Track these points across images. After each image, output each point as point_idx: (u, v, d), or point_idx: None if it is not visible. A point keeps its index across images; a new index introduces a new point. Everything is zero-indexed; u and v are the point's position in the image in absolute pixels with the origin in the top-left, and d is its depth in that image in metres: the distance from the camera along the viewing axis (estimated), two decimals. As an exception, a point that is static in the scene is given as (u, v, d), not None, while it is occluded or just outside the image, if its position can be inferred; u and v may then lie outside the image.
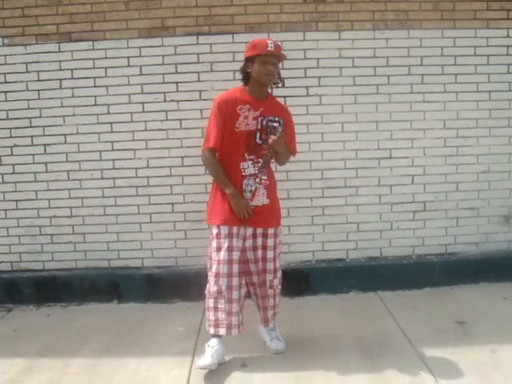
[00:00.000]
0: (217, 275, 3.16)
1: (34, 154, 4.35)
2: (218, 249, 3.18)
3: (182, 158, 4.29)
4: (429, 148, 4.39)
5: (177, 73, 4.26)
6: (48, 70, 4.27)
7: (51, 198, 4.39)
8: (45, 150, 4.34)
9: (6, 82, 4.30)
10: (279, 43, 3.31)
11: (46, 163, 4.36)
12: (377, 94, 4.32)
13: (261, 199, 3.27)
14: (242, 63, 3.30)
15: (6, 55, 4.26)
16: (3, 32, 4.25)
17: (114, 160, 4.34)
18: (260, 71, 3.16)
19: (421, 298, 4.24)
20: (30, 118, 4.32)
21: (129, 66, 4.26)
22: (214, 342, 3.24)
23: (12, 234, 4.45)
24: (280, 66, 3.28)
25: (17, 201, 4.41)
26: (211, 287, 3.19)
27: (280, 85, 3.41)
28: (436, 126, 4.37)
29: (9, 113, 4.32)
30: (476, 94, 4.38)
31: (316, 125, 4.27)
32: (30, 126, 4.32)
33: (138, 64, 4.25)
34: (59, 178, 4.36)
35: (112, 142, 4.32)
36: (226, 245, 3.17)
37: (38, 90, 4.29)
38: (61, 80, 4.28)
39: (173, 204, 4.37)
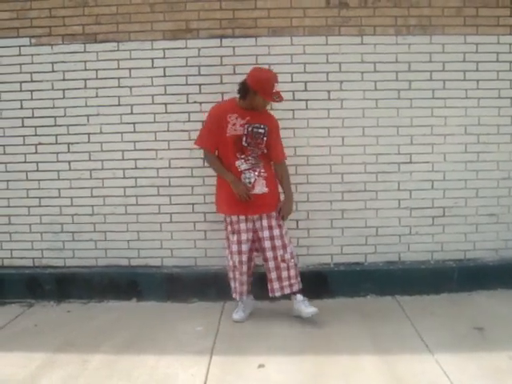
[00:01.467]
0: (231, 253, 3.94)
1: (57, 153, 4.41)
2: (232, 231, 3.92)
3: (204, 159, 4.31)
4: (449, 153, 4.38)
5: (200, 75, 4.30)
6: (73, 70, 4.33)
7: (73, 196, 4.45)
8: (68, 149, 4.40)
9: (32, 81, 4.36)
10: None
11: (69, 162, 4.42)
12: (398, 99, 4.32)
13: (260, 189, 3.84)
14: (244, 79, 3.78)
15: (32, 55, 4.33)
16: (30, 32, 4.31)
17: (136, 160, 4.39)
18: (259, 104, 3.80)
19: (439, 303, 4.23)
20: (54, 117, 4.38)
21: (153, 67, 4.31)
22: (240, 303, 4.06)
23: (34, 230, 4.51)
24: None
25: (40, 198, 4.47)
26: (229, 262, 3.98)
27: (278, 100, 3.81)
28: (457, 132, 4.36)
29: (34, 111, 4.39)
30: (497, 101, 4.36)
31: (337, 128, 4.28)
32: (55, 125, 4.38)
33: (162, 65, 4.30)
34: (82, 176, 4.42)
35: (134, 141, 4.37)
36: (236, 228, 3.89)
37: (63, 90, 4.35)
38: (85, 80, 4.34)
39: (193, 204, 4.41)
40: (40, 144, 4.41)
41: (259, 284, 4.03)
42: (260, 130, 3.81)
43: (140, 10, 4.26)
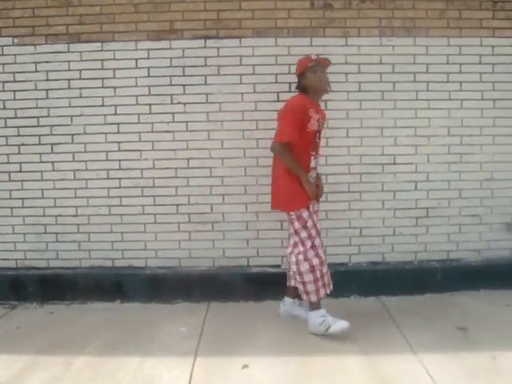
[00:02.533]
0: (314, 248, 3.65)
1: (41, 153, 4.39)
2: (310, 226, 3.66)
3: (188, 159, 4.32)
4: (433, 155, 4.41)
5: (184, 75, 4.30)
6: (57, 70, 4.31)
7: (57, 196, 4.42)
8: (52, 150, 4.38)
9: (15, 81, 4.33)
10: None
11: (52, 162, 4.39)
12: (382, 100, 4.35)
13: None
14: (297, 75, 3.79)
15: (15, 54, 4.30)
16: (13, 32, 4.29)
17: (120, 160, 4.37)
18: (319, 80, 3.70)
19: (422, 303, 4.25)
20: (37, 117, 4.35)
21: (137, 67, 4.29)
22: (323, 311, 3.73)
23: (17, 231, 4.48)
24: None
25: (23, 199, 4.44)
26: (313, 260, 3.64)
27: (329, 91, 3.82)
28: (440, 133, 4.40)
29: (17, 111, 4.36)
30: (480, 102, 4.40)
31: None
32: (38, 125, 4.36)
33: (146, 66, 4.29)
34: (65, 177, 4.39)
35: (119, 142, 4.35)
36: (311, 222, 3.67)
37: (47, 90, 4.33)
38: (69, 80, 4.32)
39: (177, 205, 4.40)
40: (23, 145, 4.38)
41: (246, 284, 4.03)
42: (322, 121, 3.79)
43: (124, 10, 4.25)
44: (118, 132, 4.35)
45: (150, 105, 4.32)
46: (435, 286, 4.41)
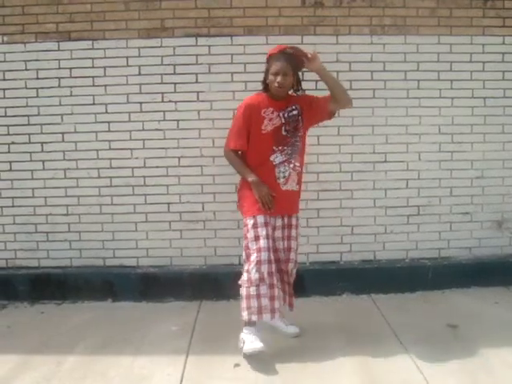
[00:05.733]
0: (258, 263, 3.29)
1: (31, 152, 4.36)
2: (257, 238, 3.35)
3: (179, 158, 4.31)
4: (424, 153, 4.43)
5: (175, 74, 4.28)
6: (47, 69, 4.28)
7: (47, 195, 4.40)
8: (42, 148, 4.35)
9: (4, 80, 4.30)
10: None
11: (43, 161, 4.37)
12: (373, 98, 4.35)
13: (291, 185, 3.53)
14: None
15: (5, 53, 4.27)
16: (3, 30, 4.25)
17: (111, 159, 4.35)
18: (271, 81, 3.44)
19: (413, 301, 4.27)
20: (28, 116, 4.32)
21: (128, 65, 4.27)
22: (253, 329, 3.37)
23: (8, 231, 4.46)
24: None
25: (13, 198, 4.42)
26: (252, 275, 3.30)
27: (300, 91, 3.64)
28: (431, 131, 4.41)
29: (7, 110, 4.33)
30: (471, 100, 4.42)
31: (311, 128, 4.27)
32: (28, 124, 4.33)
33: (137, 64, 4.27)
34: (56, 176, 4.37)
35: (109, 141, 4.34)
36: (264, 233, 3.35)
37: (37, 88, 4.30)
38: (59, 78, 4.29)
39: (169, 204, 4.39)
40: (13, 143, 4.36)
41: (236, 281, 4.00)
42: (294, 112, 3.52)
43: (115, 8, 4.22)
44: (109, 130, 4.33)
45: (140, 103, 4.31)
46: (426, 283, 4.42)
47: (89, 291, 4.40)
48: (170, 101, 4.30)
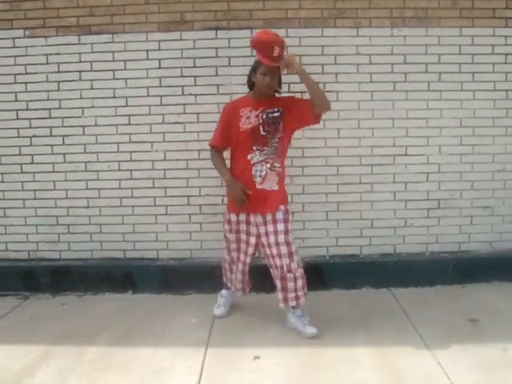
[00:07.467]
0: (228, 249, 3.87)
1: (52, 145, 4.40)
2: (229, 230, 3.79)
3: (199, 151, 4.32)
4: (444, 146, 4.39)
5: (195, 67, 4.29)
6: (68, 62, 4.31)
7: (68, 188, 4.44)
8: (63, 141, 4.39)
9: (26, 73, 4.34)
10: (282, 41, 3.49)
11: (64, 154, 4.41)
12: (393, 91, 4.32)
13: (270, 184, 3.59)
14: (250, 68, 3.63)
15: (26, 47, 4.31)
16: (24, 24, 4.29)
17: (131, 152, 4.38)
18: (259, 80, 3.52)
19: (433, 295, 4.25)
20: (49, 109, 4.36)
21: (148, 59, 4.29)
22: (225, 292, 4.07)
23: (30, 223, 4.51)
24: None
25: (35, 191, 4.47)
26: (226, 255, 3.92)
27: (279, 93, 3.69)
28: (452, 124, 4.37)
29: (28, 103, 4.37)
30: (493, 93, 4.36)
31: (332, 121, 4.26)
32: (50, 117, 4.37)
33: (157, 57, 4.28)
34: (77, 168, 4.41)
35: (130, 134, 4.36)
36: (234, 228, 3.75)
37: (58, 82, 4.33)
38: (80, 72, 4.32)
39: (189, 197, 4.41)
40: (35, 136, 4.40)
41: (257, 276, 4.01)
42: (275, 114, 3.57)
43: (134, 1, 4.24)
44: (129, 124, 4.35)
45: (160, 96, 4.32)
46: (446, 277, 4.40)
47: (109, 283, 4.45)
48: (190, 94, 4.31)
